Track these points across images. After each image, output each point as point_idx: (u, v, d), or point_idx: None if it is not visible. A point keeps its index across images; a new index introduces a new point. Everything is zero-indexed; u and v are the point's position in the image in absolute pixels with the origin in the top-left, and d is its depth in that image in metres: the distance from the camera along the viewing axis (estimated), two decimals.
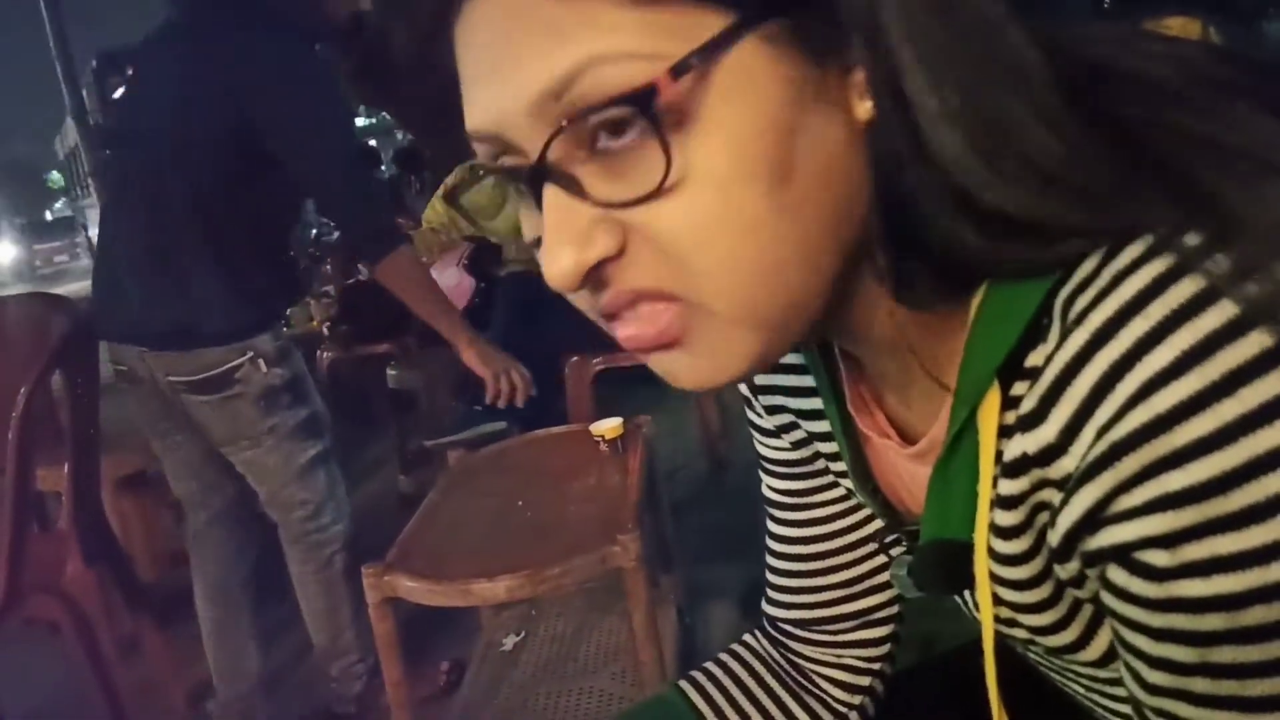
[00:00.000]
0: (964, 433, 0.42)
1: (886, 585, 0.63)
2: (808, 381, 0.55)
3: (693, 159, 0.35)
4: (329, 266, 4.26)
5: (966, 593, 0.49)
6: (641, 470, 1.53)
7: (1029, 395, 0.37)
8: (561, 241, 0.36)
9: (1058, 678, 0.52)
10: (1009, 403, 0.39)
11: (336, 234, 4.56)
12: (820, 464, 0.60)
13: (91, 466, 1.81)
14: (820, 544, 0.63)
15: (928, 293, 0.40)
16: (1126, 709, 0.43)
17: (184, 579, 2.42)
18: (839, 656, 0.66)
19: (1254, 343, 0.32)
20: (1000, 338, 0.39)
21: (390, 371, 2.93)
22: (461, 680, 1.78)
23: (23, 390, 1.52)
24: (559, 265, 0.36)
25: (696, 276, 0.36)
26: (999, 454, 0.40)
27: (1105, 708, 0.50)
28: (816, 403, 0.55)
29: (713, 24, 0.34)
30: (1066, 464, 0.36)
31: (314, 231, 5.88)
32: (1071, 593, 0.43)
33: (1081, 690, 0.51)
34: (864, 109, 0.37)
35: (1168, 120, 0.37)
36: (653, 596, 1.41)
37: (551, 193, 0.37)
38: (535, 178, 0.37)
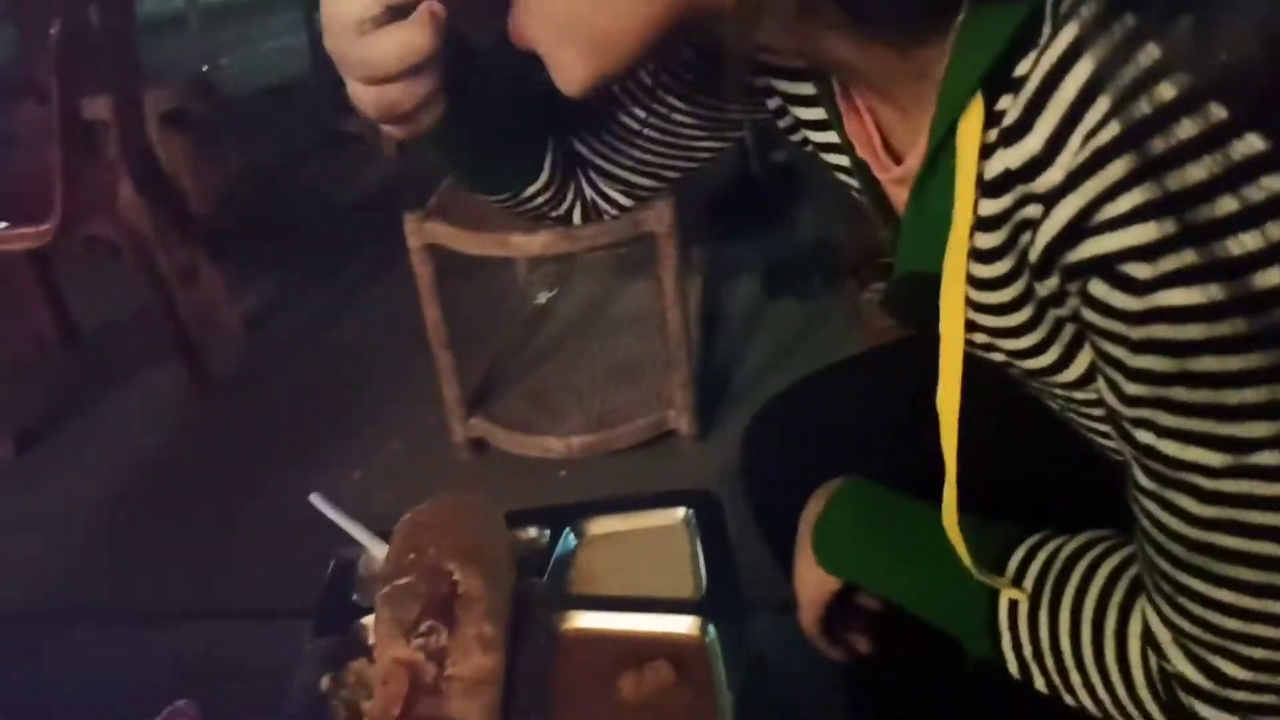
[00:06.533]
0: (942, 153, 0.40)
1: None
2: (815, 97, 0.52)
3: None
4: None
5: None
6: None
7: (1013, 106, 0.35)
8: None
9: (1033, 391, 0.52)
10: (992, 119, 0.37)
11: None
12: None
13: (134, 97, 1.83)
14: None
15: (883, 14, 0.37)
16: (1103, 428, 0.45)
17: (234, 215, 2.53)
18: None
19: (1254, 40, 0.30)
20: (987, 45, 0.36)
21: None
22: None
23: (57, 21, 1.50)
24: None
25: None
26: (979, 175, 0.38)
27: (1083, 426, 0.50)
28: (820, 113, 0.52)
29: None
30: (1053, 175, 0.35)
31: None
32: (1053, 312, 0.41)
33: (1057, 407, 0.51)
34: None
35: None
36: (682, 263, 1.46)
37: None
38: None
